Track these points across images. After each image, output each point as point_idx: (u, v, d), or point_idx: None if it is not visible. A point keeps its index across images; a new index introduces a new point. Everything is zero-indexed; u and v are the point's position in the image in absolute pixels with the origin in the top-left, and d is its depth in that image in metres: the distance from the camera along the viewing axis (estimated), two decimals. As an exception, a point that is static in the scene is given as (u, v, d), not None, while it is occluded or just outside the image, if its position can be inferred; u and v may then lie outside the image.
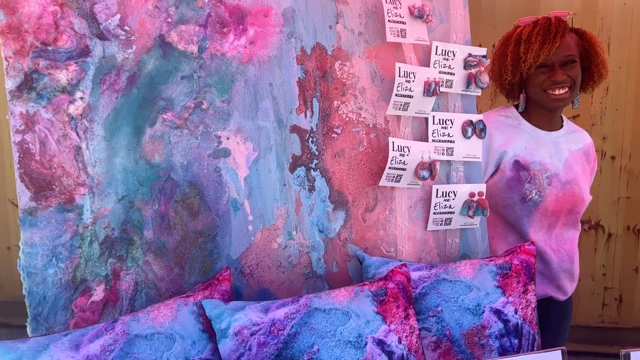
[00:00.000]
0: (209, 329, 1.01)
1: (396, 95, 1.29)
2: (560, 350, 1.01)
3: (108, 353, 0.89)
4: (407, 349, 1.06)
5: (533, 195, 1.57)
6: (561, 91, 1.54)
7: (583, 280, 3.50)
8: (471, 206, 1.40)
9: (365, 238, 1.33)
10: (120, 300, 1.08)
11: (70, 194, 1.05)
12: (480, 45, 3.42)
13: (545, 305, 1.69)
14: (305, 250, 1.27)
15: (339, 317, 1.03)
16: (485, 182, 1.60)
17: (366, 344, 1.02)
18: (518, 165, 1.59)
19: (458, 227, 1.42)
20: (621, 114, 3.35)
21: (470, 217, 1.41)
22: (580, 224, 1.75)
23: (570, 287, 1.72)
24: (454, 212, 1.40)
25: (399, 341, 1.05)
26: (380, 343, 1.03)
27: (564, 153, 1.64)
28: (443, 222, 1.40)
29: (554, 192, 1.59)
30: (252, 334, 0.97)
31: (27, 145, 1.02)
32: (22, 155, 1.02)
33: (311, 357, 0.98)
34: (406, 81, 1.29)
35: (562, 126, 1.69)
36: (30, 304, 1.02)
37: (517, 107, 1.66)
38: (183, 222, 1.15)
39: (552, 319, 1.72)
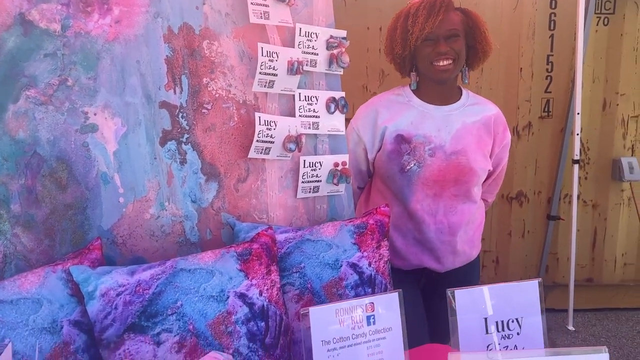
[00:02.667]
0: (77, 294, 1.07)
1: (260, 73, 1.39)
2: (397, 293, 1.18)
3: (-30, 318, 0.93)
4: (267, 301, 1.18)
5: (411, 166, 1.69)
6: (445, 62, 1.66)
7: (465, 245, 3.83)
8: (335, 175, 1.55)
9: (237, 207, 1.44)
10: (-12, 273, 1.11)
11: None
12: (368, 28, 3.61)
13: (423, 275, 1.82)
14: (178, 220, 1.35)
15: (203, 275, 1.13)
16: (374, 156, 1.76)
17: (228, 298, 1.13)
18: (401, 139, 1.71)
19: (325, 194, 1.57)
20: (495, 93, 3.68)
21: (335, 184, 1.56)
22: (477, 198, 1.80)
23: (451, 260, 1.79)
24: (320, 181, 1.54)
25: (260, 294, 1.18)
26: (242, 296, 1.15)
27: (455, 125, 1.73)
28: (311, 190, 1.54)
29: (437, 163, 1.70)
30: (118, 295, 1.05)
31: None
32: None
33: (175, 311, 1.07)
34: (269, 60, 1.39)
35: (458, 100, 1.79)
36: None
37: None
38: (52, 196, 1.19)
39: (427, 288, 1.84)
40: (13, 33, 1.15)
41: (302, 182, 1.51)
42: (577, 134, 3.40)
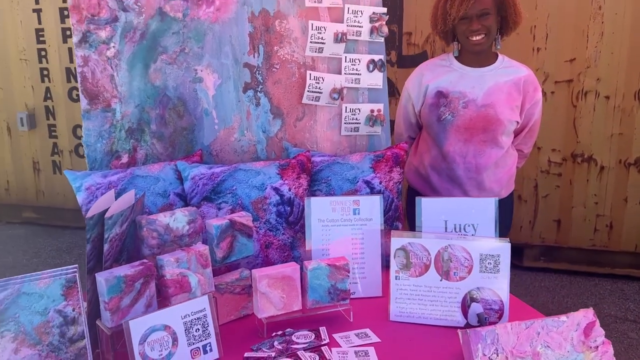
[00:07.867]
0: (180, 178, 1.79)
1: (310, 42, 1.95)
2: (378, 196, 1.68)
3: (121, 180, 1.70)
4: (294, 195, 1.78)
5: (446, 115, 2.13)
6: (477, 37, 2.04)
7: (576, 207, 3.93)
8: (371, 118, 2.05)
9: (295, 138, 2.04)
10: (137, 164, 1.90)
11: (108, 102, 1.86)
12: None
13: None
14: (252, 143, 2.00)
15: (252, 174, 1.77)
16: (420, 109, 2.22)
17: (266, 188, 1.75)
18: (440, 94, 2.15)
19: (364, 133, 2.08)
20: (616, 57, 3.65)
21: (371, 126, 2.06)
22: (505, 145, 2.14)
23: (477, 195, 2.16)
24: (359, 123, 2.06)
25: (289, 190, 1.77)
26: (276, 189, 1.76)
27: (488, 83, 2.10)
28: (352, 130, 2.06)
29: (469, 114, 2.09)
30: (200, 179, 1.74)
31: (85, 74, 1.83)
32: (82, 80, 1.83)
33: (231, 192, 1.73)
34: (318, 33, 1.94)
35: (493, 63, 2.16)
36: (89, 163, 1.86)
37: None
38: (174, 122, 1.92)
39: None
40: (155, 20, 1.88)
41: (344, 123, 2.05)
42: (699, 99, 3.26)
